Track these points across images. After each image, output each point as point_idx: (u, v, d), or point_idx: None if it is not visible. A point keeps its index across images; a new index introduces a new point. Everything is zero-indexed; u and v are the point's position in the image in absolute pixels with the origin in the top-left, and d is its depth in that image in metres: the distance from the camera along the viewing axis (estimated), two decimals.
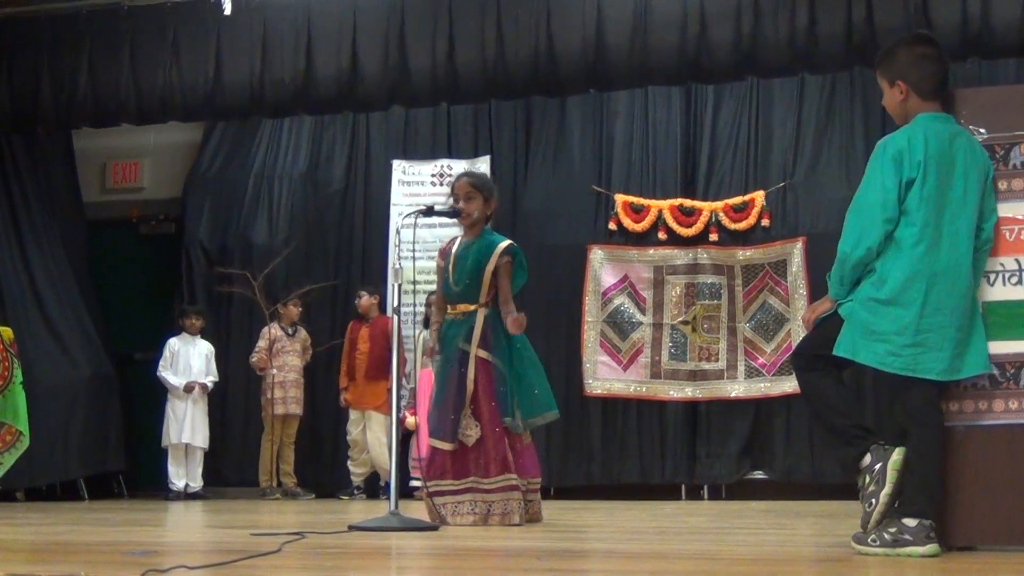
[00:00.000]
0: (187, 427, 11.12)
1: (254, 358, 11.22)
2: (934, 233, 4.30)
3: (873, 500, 4.27)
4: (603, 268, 11.03)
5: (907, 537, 4.19)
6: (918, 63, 4.49)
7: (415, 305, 10.88)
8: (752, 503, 9.65)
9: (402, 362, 10.23)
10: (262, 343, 11.20)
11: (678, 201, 10.98)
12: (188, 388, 11.17)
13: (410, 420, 10.00)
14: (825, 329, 4.47)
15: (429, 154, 11.80)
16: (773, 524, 6.90)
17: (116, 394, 11.53)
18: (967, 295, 4.33)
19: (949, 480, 4.33)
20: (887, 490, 4.24)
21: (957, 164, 4.35)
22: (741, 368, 10.75)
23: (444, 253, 6.85)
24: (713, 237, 10.84)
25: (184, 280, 12.00)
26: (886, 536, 4.22)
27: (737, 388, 10.73)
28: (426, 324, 10.02)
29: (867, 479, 4.31)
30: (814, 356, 4.50)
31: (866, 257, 4.37)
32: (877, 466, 4.28)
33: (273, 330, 11.23)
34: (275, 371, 11.11)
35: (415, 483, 9.63)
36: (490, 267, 6.59)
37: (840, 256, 4.44)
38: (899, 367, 4.29)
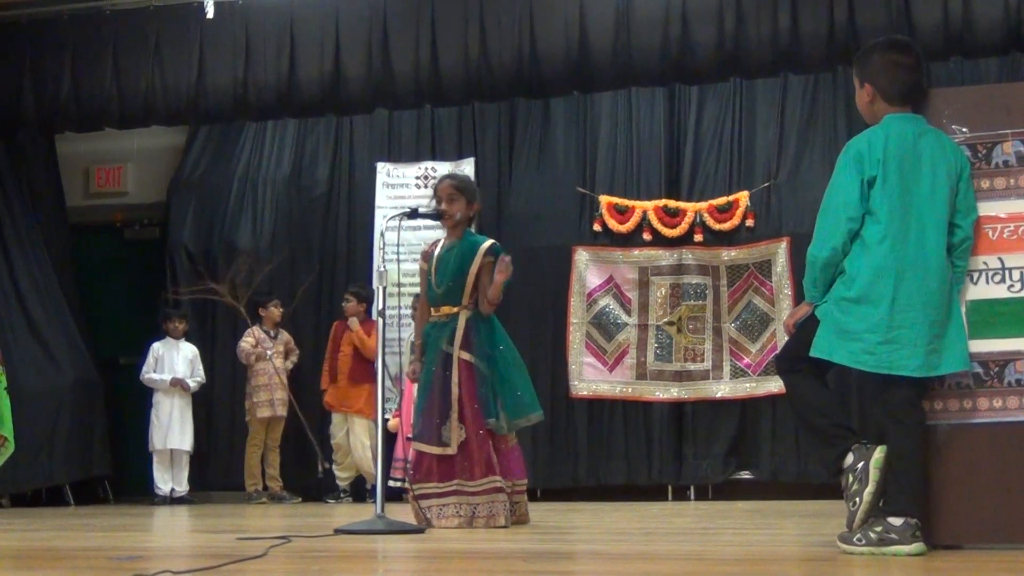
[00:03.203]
0: (172, 431, 11.11)
1: (246, 347, 11.12)
2: (900, 230, 4.33)
3: (857, 499, 4.28)
4: (588, 269, 11.04)
5: (893, 536, 4.20)
6: (889, 69, 4.53)
7: (400, 308, 10.87)
8: (738, 503, 9.66)
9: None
10: (248, 339, 11.13)
11: (662, 202, 10.99)
12: (175, 383, 11.14)
13: (392, 422, 9.99)
14: (805, 332, 4.49)
15: (413, 156, 11.78)
16: (759, 524, 6.91)
17: (101, 399, 11.50)
18: (939, 291, 4.34)
19: (934, 479, 4.34)
20: (870, 488, 4.25)
21: (924, 162, 4.38)
22: (726, 368, 10.76)
23: (427, 256, 6.86)
24: (698, 238, 10.85)
25: (169, 284, 11.95)
26: (871, 535, 4.23)
27: (723, 388, 10.74)
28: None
29: (850, 478, 4.31)
30: (796, 358, 4.52)
31: (832, 258, 4.45)
32: (860, 465, 4.29)
33: (257, 331, 11.20)
34: (268, 357, 11.07)
35: (392, 483, 9.61)
36: (474, 268, 6.61)
37: (808, 259, 4.53)
38: (873, 365, 4.30)
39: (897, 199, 4.34)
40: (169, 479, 11.14)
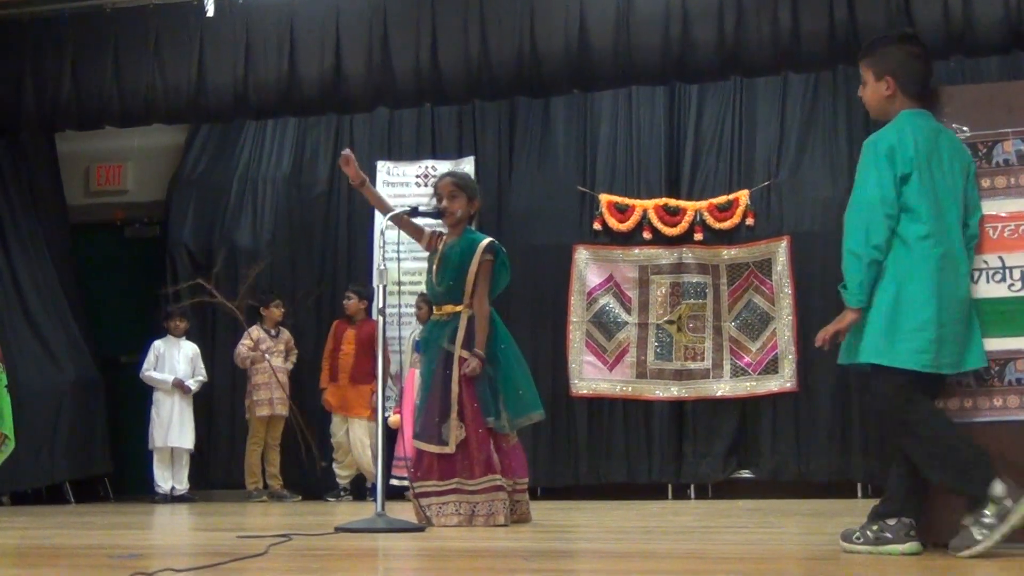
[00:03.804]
0: (172, 430, 11.11)
1: (243, 351, 11.15)
2: (937, 227, 4.29)
3: (986, 532, 4.08)
4: (588, 268, 11.04)
5: (887, 535, 4.22)
6: (909, 62, 4.48)
7: (400, 306, 10.88)
8: (739, 502, 9.66)
9: (387, 362, 10.20)
10: (246, 342, 11.16)
11: (663, 201, 10.99)
12: (176, 384, 11.15)
13: (393, 418, 9.99)
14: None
15: (413, 155, 11.79)
16: (760, 523, 6.91)
17: (101, 397, 11.50)
18: (967, 287, 4.34)
19: None
20: (1004, 530, 4.07)
21: (944, 159, 4.36)
22: (727, 367, 10.76)
23: (434, 240, 6.88)
24: (698, 236, 10.85)
25: (169, 282, 11.96)
26: (869, 534, 4.25)
27: (723, 387, 10.73)
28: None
29: (992, 510, 4.09)
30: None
31: (876, 256, 4.29)
32: (1008, 503, 4.09)
33: (256, 331, 11.21)
34: (266, 359, 11.08)
35: (394, 482, 9.64)
36: (473, 266, 6.61)
37: (848, 259, 4.35)
38: (926, 364, 4.24)
39: (931, 197, 4.30)
40: (169, 477, 11.14)
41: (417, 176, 11.63)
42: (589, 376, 10.94)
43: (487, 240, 6.75)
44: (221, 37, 10.51)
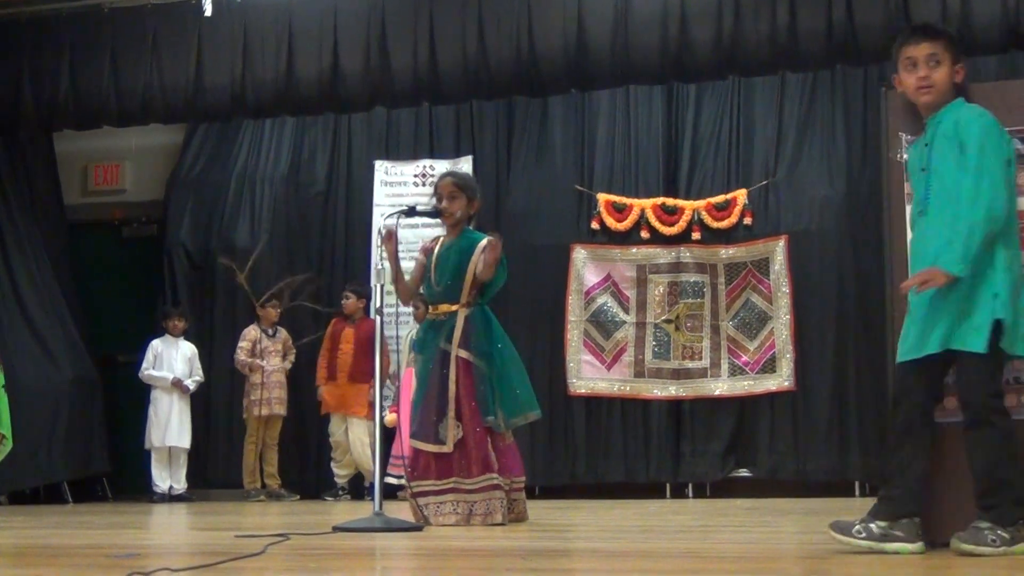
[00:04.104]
0: (170, 429, 11.11)
1: (241, 356, 11.17)
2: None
3: (997, 542, 4.04)
4: (586, 267, 11.04)
5: (897, 533, 4.16)
6: None
7: (398, 306, 10.87)
8: (737, 501, 9.67)
9: (386, 363, 10.20)
10: (244, 344, 11.17)
11: (660, 200, 10.99)
12: (175, 382, 11.15)
13: (390, 417, 9.99)
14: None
15: (411, 154, 11.79)
16: (758, 522, 6.91)
17: (99, 397, 11.49)
18: None
19: (937, 477, 4.32)
20: (1012, 549, 4.04)
21: None
22: (724, 366, 10.76)
23: (427, 251, 6.87)
24: (696, 236, 10.85)
25: (167, 282, 11.96)
26: (874, 529, 4.17)
27: (721, 386, 10.73)
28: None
29: (1011, 528, 4.08)
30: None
31: (995, 228, 4.10)
32: None
33: (254, 332, 11.21)
34: (263, 365, 11.10)
35: (390, 480, 9.64)
36: (472, 267, 6.60)
37: (969, 226, 4.10)
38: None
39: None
40: (167, 476, 11.14)
41: (415, 175, 11.63)
42: (587, 375, 10.94)
43: (486, 239, 6.75)
44: (219, 37, 10.51)
